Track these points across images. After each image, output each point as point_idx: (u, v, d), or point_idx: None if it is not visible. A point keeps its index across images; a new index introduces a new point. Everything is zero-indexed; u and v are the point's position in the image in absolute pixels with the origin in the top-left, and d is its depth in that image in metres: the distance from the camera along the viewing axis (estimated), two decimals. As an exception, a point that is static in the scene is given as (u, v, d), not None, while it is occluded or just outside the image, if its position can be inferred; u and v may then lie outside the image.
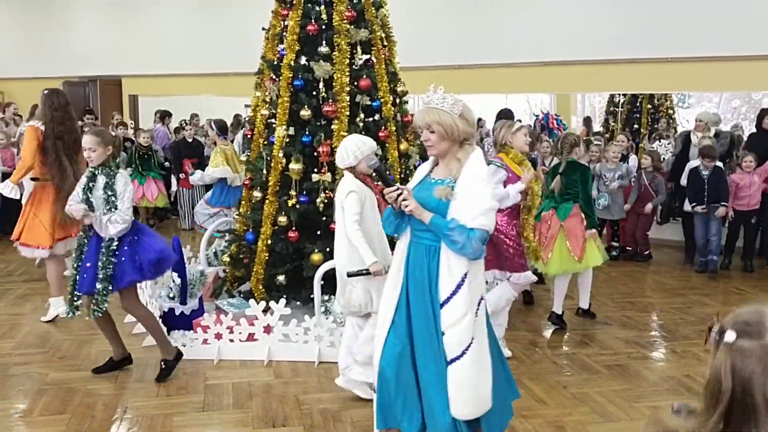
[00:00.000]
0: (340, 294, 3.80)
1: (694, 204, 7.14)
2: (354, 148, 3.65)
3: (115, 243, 3.96)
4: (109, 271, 3.91)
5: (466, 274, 2.68)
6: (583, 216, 5.12)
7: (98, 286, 3.91)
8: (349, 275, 3.57)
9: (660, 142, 9.05)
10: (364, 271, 3.54)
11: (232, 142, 7.98)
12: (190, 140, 9.20)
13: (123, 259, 3.95)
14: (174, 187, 9.38)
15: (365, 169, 3.64)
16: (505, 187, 4.42)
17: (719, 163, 7.24)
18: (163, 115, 11.57)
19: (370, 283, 3.61)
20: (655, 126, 11.75)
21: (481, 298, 2.79)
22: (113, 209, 3.93)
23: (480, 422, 2.77)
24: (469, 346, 2.68)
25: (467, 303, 2.68)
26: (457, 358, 2.69)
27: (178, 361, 4.22)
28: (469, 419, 2.73)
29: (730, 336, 1.18)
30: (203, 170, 7.11)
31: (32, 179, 5.26)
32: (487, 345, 2.78)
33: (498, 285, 4.67)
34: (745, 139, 8.80)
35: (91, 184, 3.99)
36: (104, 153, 3.99)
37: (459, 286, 2.68)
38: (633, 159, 7.86)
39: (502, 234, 4.54)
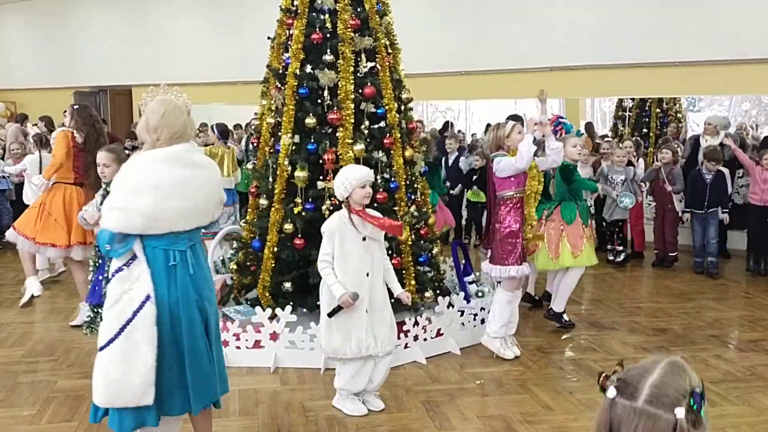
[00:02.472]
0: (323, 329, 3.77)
1: (688, 209, 7.17)
2: (343, 179, 3.59)
3: None
4: None
5: (116, 270, 2.79)
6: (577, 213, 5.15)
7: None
8: (329, 316, 3.61)
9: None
10: (337, 307, 3.57)
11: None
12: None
13: None
14: None
15: (360, 199, 3.59)
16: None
17: (723, 168, 7.24)
18: None
19: (347, 327, 3.63)
20: (665, 130, 11.71)
21: (147, 299, 2.74)
22: None
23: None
24: (111, 341, 2.75)
25: (112, 298, 2.78)
26: (102, 348, 2.80)
27: None
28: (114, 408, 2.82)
29: (611, 392, 1.24)
30: None
31: (54, 182, 5.54)
32: (144, 349, 2.73)
33: (495, 295, 4.70)
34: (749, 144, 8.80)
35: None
36: (117, 169, 4.08)
37: (109, 281, 2.84)
38: (641, 163, 7.84)
39: (499, 224, 4.57)
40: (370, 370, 3.77)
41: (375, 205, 4.34)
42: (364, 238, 3.63)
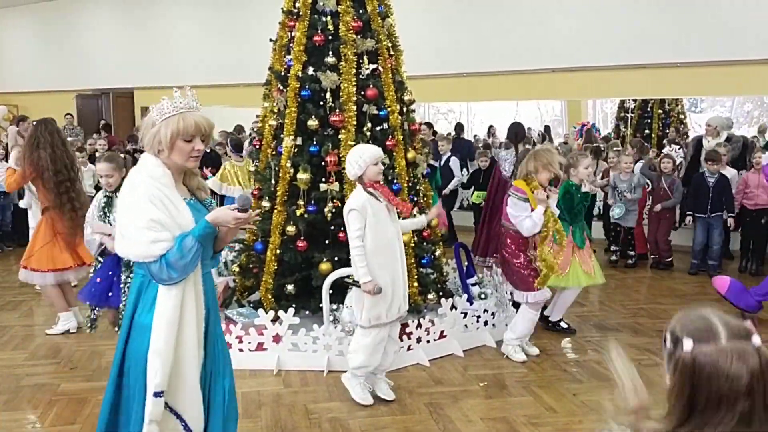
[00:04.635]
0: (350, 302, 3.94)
1: (690, 213, 7.19)
2: (356, 157, 3.70)
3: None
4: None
5: None
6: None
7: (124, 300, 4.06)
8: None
9: (670, 147, 9.01)
10: (356, 284, 3.68)
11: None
12: (208, 150, 9.32)
13: None
14: None
15: (374, 176, 3.68)
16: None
17: (729, 171, 7.24)
18: None
19: (390, 293, 3.74)
20: (667, 131, 11.72)
21: None
22: None
23: None
24: None
25: None
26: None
27: None
28: None
29: (688, 344, 1.25)
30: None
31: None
32: None
33: (520, 311, 4.72)
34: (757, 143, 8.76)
35: (107, 209, 4.11)
36: (120, 177, 4.15)
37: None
38: (639, 165, 7.83)
39: (514, 256, 4.60)
40: (386, 339, 3.87)
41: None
42: (386, 208, 3.75)
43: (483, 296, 5.29)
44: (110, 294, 4.27)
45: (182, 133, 2.41)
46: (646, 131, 11.84)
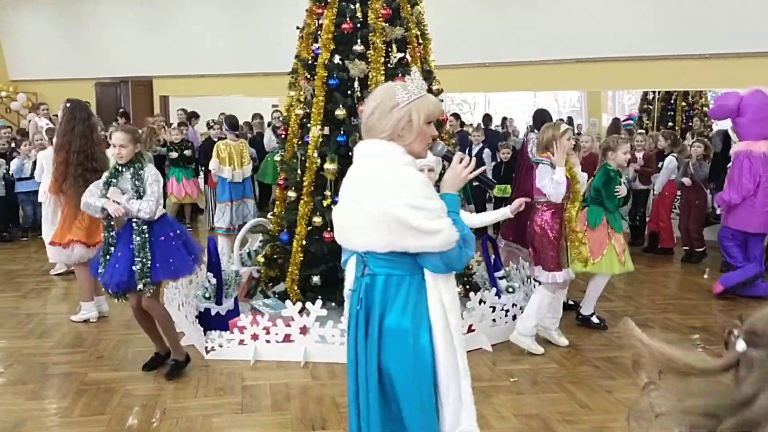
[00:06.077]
0: None
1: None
2: None
3: (146, 236, 3.99)
4: (147, 263, 3.96)
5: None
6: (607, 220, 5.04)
7: (135, 268, 3.95)
8: None
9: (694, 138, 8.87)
10: None
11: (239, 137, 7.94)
12: (215, 140, 9.24)
13: (158, 256, 4.02)
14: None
15: None
16: None
17: None
18: (190, 116, 11.59)
19: None
20: (690, 123, 11.54)
21: None
22: (141, 198, 3.98)
23: None
24: None
25: None
26: None
27: (187, 363, 4.29)
28: None
29: (740, 345, 1.13)
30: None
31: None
32: None
33: (534, 294, 4.63)
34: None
35: (113, 180, 4.01)
36: (133, 150, 4.04)
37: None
38: (670, 160, 7.66)
39: (547, 227, 4.50)
40: None
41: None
42: None
43: (510, 290, 5.21)
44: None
45: (431, 115, 2.26)
46: (669, 123, 11.67)
